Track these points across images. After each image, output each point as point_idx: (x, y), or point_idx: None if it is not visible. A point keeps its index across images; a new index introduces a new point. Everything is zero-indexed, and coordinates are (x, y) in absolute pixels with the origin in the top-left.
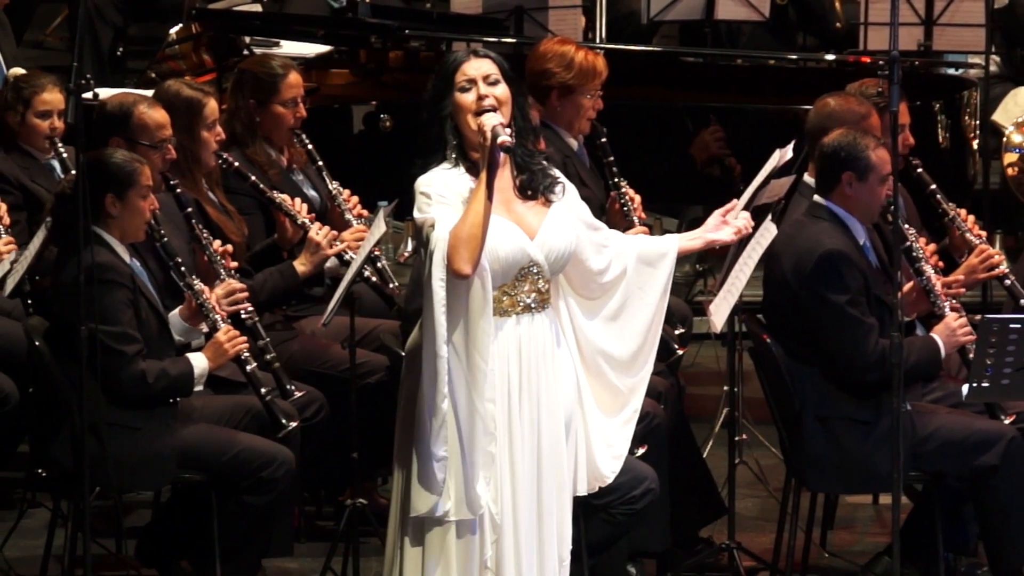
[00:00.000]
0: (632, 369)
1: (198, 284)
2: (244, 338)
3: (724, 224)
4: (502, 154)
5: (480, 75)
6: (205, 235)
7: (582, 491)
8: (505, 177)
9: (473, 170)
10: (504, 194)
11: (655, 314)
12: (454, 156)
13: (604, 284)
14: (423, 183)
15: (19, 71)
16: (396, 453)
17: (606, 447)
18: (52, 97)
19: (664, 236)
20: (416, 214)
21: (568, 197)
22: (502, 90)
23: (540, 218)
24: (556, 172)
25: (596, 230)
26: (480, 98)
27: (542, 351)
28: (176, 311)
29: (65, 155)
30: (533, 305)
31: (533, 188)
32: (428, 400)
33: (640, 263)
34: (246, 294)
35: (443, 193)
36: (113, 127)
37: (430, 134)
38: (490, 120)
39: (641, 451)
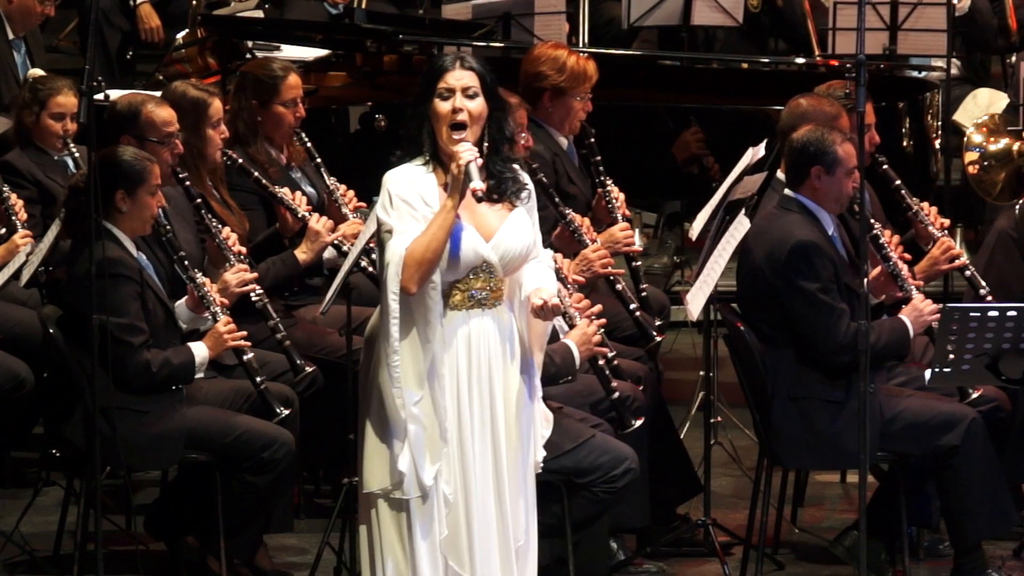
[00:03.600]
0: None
1: (200, 277)
2: (243, 333)
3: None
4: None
5: (460, 86)
6: (214, 224)
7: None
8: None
9: (441, 171)
10: (469, 197)
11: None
12: (427, 156)
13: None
14: (390, 179)
15: (38, 72)
16: (358, 431)
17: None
18: (66, 100)
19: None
20: (378, 211)
21: (533, 204)
22: (478, 104)
23: (500, 220)
24: (524, 178)
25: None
26: (455, 111)
27: (493, 343)
28: (183, 300)
29: (77, 154)
30: (484, 301)
31: (499, 193)
32: (384, 390)
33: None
34: (255, 275)
35: (405, 196)
36: (123, 125)
37: (410, 130)
38: (465, 155)
39: (638, 423)
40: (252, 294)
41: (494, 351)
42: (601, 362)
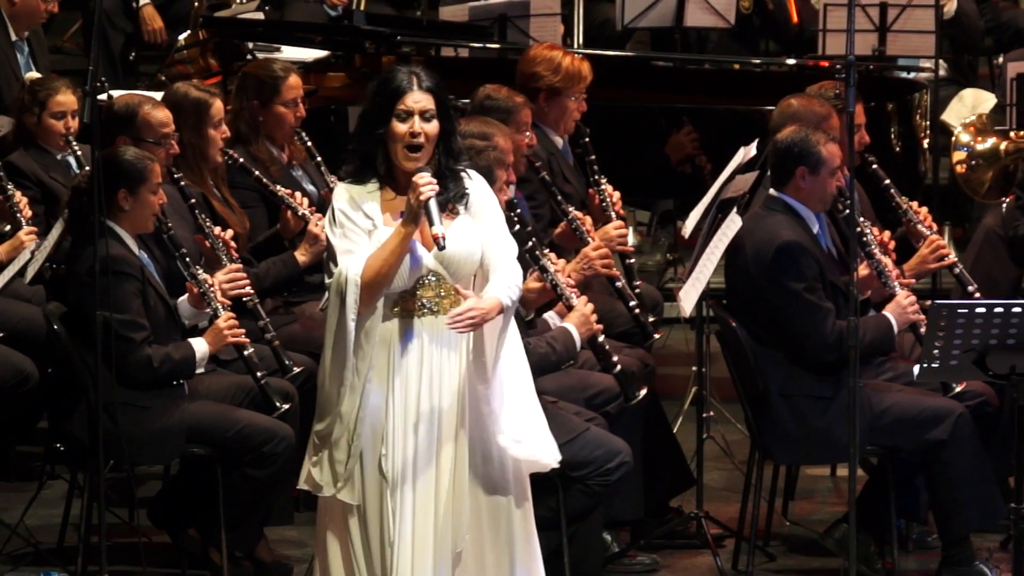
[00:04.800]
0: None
1: (201, 274)
2: (243, 330)
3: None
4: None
5: (418, 108)
6: (208, 224)
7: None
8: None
9: (390, 189)
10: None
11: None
12: (378, 177)
13: None
14: (337, 196)
15: (34, 75)
16: None
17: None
18: (66, 99)
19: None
20: (326, 227)
21: (477, 207)
22: (433, 127)
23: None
24: (468, 186)
25: (493, 253)
26: (412, 134)
27: (446, 350)
28: (184, 297)
29: (79, 152)
30: (433, 308)
31: (441, 203)
32: (326, 402)
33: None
34: (247, 280)
35: (349, 213)
36: (120, 126)
37: (363, 147)
38: (425, 191)
39: (643, 392)
40: (243, 296)
41: (447, 357)
42: (600, 339)
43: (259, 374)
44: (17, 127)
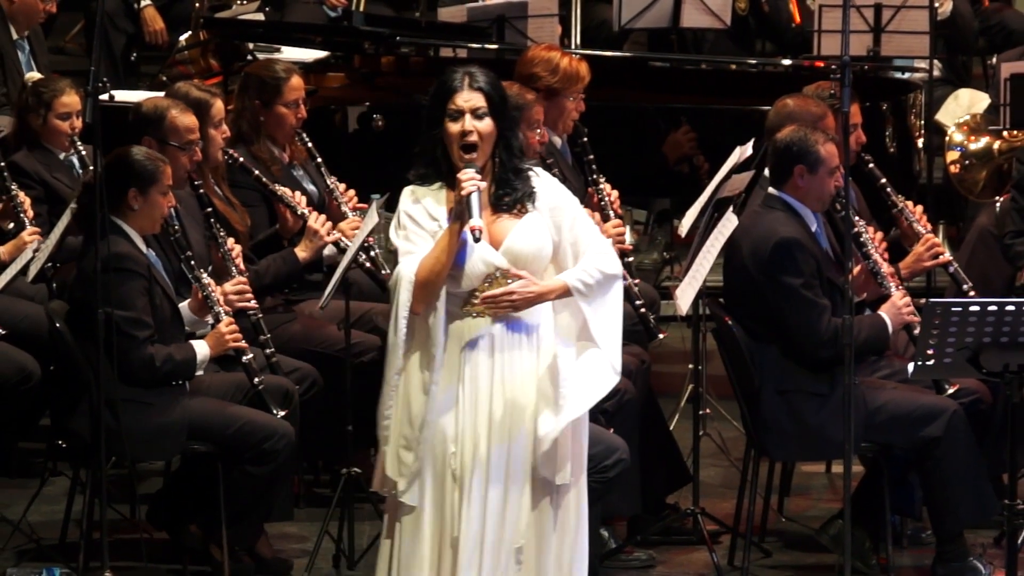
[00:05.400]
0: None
1: (206, 277)
2: (242, 336)
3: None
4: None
5: (469, 108)
6: (221, 234)
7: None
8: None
9: (452, 191)
10: (487, 205)
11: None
12: (442, 177)
13: None
14: (403, 198)
15: (35, 75)
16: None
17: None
18: (70, 99)
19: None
20: (391, 232)
21: (550, 209)
22: (486, 125)
23: (511, 226)
24: (535, 185)
25: (579, 243)
26: (464, 133)
27: (516, 349)
28: (185, 303)
29: (84, 152)
30: None
31: (509, 203)
32: (381, 405)
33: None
34: (252, 295)
35: (415, 214)
36: (147, 127)
37: (425, 150)
38: (467, 186)
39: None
40: (248, 311)
41: (518, 356)
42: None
43: (256, 380)
44: (18, 127)
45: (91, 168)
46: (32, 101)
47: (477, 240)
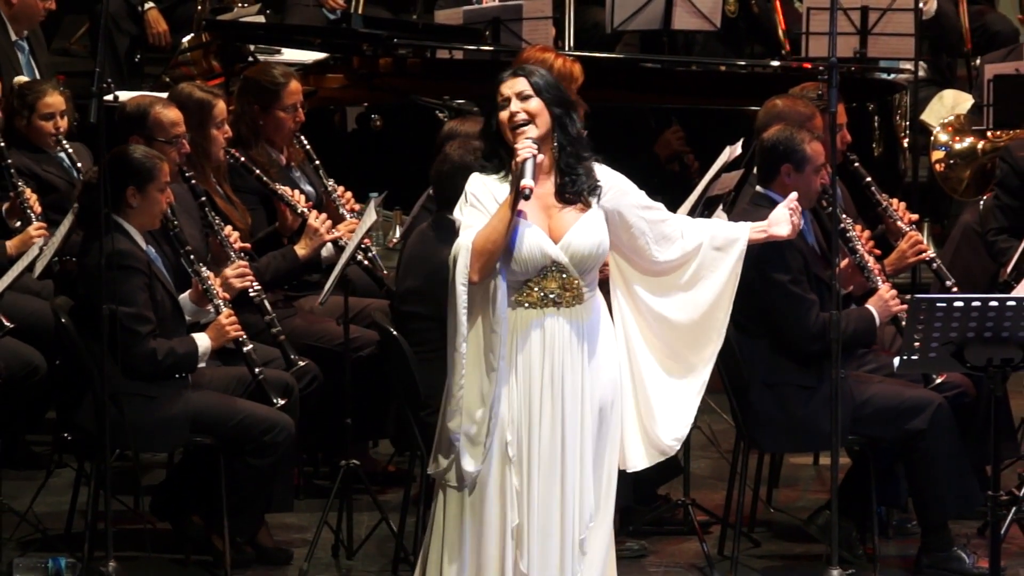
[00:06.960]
0: (696, 341)
1: (205, 271)
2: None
3: (784, 221)
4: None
5: (513, 92)
6: (217, 221)
7: (639, 466)
8: (548, 181)
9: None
10: (543, 199)
11: (721, 293)
12: (505, 166)
13: (668, 267)
14: (471, 182)
15: (22, 79)
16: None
17: (668, 419)
18: (53, 100)
19: (736, 224)
20: (456, 213)
21: (613, 196)
22: (534, 104)
23: (572, 221)
24: (599, 177)
25: (661, 222)
26: (512, 115)
27: (567, 343)
28: (186, 294)
29: (71, 151)
30: (558, 300)
31: (572, 193)
32: (448, 382)
33: (710, 247)
34: (252, 275)
35: (480, 196)
36: (132, 126)
37: (487, 142)
38: (523, 152)
39: None
40: (251, 289)
41: (568, 351)
42: None
43: (257, 370)
44: (5, 130)
45: (91, 167)
46: (17, 104)
47: (527, 198)
